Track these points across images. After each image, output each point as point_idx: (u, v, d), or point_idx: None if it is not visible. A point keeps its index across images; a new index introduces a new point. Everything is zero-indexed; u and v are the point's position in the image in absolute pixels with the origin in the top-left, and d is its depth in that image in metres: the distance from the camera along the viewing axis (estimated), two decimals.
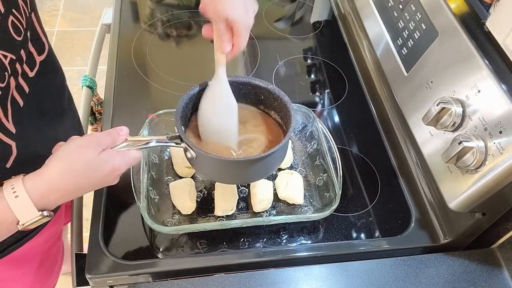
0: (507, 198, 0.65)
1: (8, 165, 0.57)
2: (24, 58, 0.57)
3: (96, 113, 1.04)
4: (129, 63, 0.99)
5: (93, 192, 0.77)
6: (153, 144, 0.62)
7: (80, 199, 0.83)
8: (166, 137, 0.64)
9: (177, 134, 0.63)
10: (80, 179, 0.54)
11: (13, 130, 0.57)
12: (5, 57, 0.52)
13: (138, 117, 0.87)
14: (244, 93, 0.74)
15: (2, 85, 0.52)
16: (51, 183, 0.52)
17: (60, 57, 0.72)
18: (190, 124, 0.71)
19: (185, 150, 0.65)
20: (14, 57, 0.54)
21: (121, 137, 0.58)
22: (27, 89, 0.59)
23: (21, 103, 0.58)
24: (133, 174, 0.71)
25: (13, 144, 0.57)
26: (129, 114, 0.90)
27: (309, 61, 1.08)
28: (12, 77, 0.54)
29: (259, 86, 0.73)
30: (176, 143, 0.64)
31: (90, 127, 1.04)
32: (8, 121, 0.55)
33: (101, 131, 0.86)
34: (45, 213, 0.52)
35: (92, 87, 0.99)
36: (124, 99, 0.92)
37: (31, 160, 0.60)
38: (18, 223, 0.51)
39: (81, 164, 0.53)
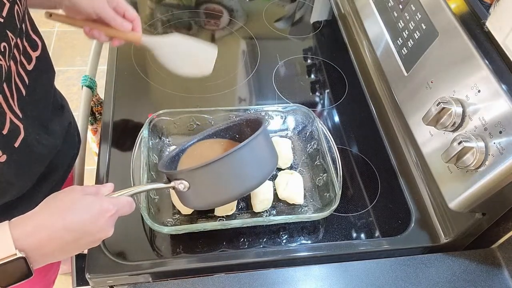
0: (507, 198, 0.65)
1: (16, 144, 0.57)
2: (21, 49, 0.58)
3: (96, 113, 1.04)
4: (129, 63, 0.99)
5: None
6: (140, 189, 0.62)
7: None
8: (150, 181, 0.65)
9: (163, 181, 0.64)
10: (68, 216, 0.50)
11: (20, 114, 0.58)
12: (12, 39, 0.53)
13: (138, 117, 0.87)
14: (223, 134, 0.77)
15: (7, 65, 0.52)
16: (37, 220, 0.49)
17: (60, 57, 0.73)
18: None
19: (176, 189, 0.63)
20: (16, 42, 0.55)
21: (106, 188, 0.57)
22: (27, 81, 0.59)
23: (23, 92, 0.59)
24: (133, 174, 0.71)
25: (21, 125, 0.58)
26: (129, 114, 0.90)
27: (309, 61, 1.08)
28: (12, 61, 0.55)
29: (230, 126, 0.76)
30: (165, 182, 0.63)
31: (90, 127, 1.04)
32: (14, 104, 0.56)
33: (101, 131, 0.86)
34: (21, 253, 0.46)
35: (92, 87, 0.99)
36: (124, 99, 0.92)
37: (36, 147, 0.61)
38: None
39: (67, 202, 0.51)
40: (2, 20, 0.50)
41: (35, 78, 0.61)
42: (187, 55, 0.77)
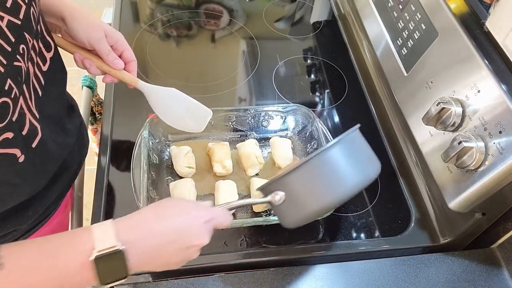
0: (507, 198, 0.65)
1: (34, 145, 0.57)
2: (37, 50, 0.58)
3: (96, 113, 1.04)
4: None
5: (93, 191, 0.77)
6: (236, 204, 0.60)
7: (80, 199, 0.83)
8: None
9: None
10: (164, 217, 0.52)
11: (37, 115, 0.58)
12: (29, 41, 0.53)
13: (138, 117, 0.87)
14: None
15: (26, 66, 0.52)
16: (137, 216, 0.52)
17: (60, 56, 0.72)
18: None
19: (273, 203, 0.58)
20: (32, 44, 0.55)
21: (204, 202, 0.58)
22: (43, 81, 0.60)
23: (40, 92, 0.59)
24: (133, 174, 0.71)
25: (38, 126, 0.58)
26: (129, 114, 0.90)
27: (309, 61, 1.08)
28: (30, 62, 0.55)
29: None
30: (264, 197, 0.60)
31: (90, 127, 1.04)
32: (32, 104, 0.56)
33: (101, 131, 0.86)
34: (122, 246, 0.47)
35: (92, 87, 0.99)
36: (124, 99, 0.92)
37: (51, 146, 0.62)
38: (93, 250, 0.47)
39: (166, 205, 0.53)
40: (19, 23, 0.50)
41: (50, 78, 0.61)
42: (181, 110, 0.75)
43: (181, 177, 0.78)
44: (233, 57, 1.08)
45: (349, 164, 0.57)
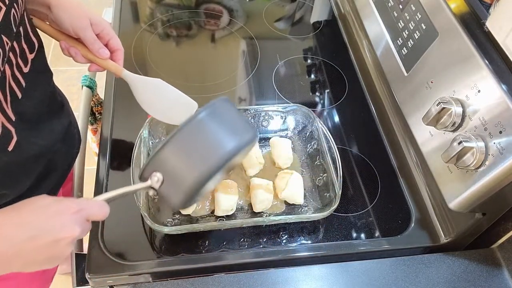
0: (507, 198, 0.65)
1: (10, 148, 0.57)
2: (18, 51, 0.57)
3: (96, 113, 1.04)
4: (129, 63, 0.99)
5: (93, 191, 0.77)
6: (114, 193, 0.55)
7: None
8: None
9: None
10: (24, 213, 0.48)
11: (13, 118, 0.57)
12: (7, 43, 0.52)
13: (138, 117, 0.86)
14: None
15: (1, 70, 0.52)
16: None
17: (60, 57, 0.72)
18: None
19: (153, 188, 0.55)
20: (11, 46, 0.54)
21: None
22: (23, 83, 0.59)
23: (19, 95, 0.58)
24: (133, 174, 0.71)
25: (13, 130, 0.57)
26: (129, 114, 0.90)
27: (309, 61, 1.08)
28: (7, 64, 0.54)
29: None
30: (145, 185, 0.56)
31: (90, 127, 1.04)
32: (7, 107, 0.56)
33: (101, 131, 0.86)
34: None
35: (92, 87, 0.99)
36: (124, 99, 0.92)
37: (31, 148, 0.61)
38: None
39: (27, 203, 0.49)
40: None
41: (31, 80, 0.61)
42: (166, 101, 0.74)
43: None
44: (233, 57, 1.08)
45: (216, 132, 0.56)
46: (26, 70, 0.60)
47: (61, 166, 0.74)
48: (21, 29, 0.57)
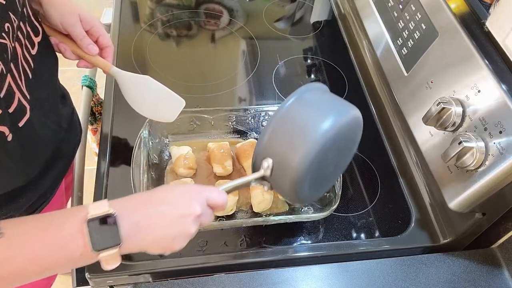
0: (507, 198, 0.65)
1: (20, 124, 0.57)
2: (25, 32, 0.58)
3: (96, 113, 1.04)
4: (129, 63, 0.99)
5: (93, 191, 0.77)
6: (234, 184, 0.59)
7: (80, 199, 0.83)
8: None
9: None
10: (160, 190, 0.55)
11: (28, 95, 0.58)
12: (14, 21, 0.53)
13: (138, 118, 0.86)
14: None
15: (12, 45, 0.53)
16: (131, 195, 0.54)
17: (60, 57, 0.72)
18: None
19: (266, 177, 0.58)
20: (18, 25, 0.55)
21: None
22: (32, 64, 0.60)
23: (30, 75, 0.59)
24: (133, 174, 0.71)
25: (28, 107, 0.58)
26: (129, 114, 0.89)
27: (309, 61, 1.08)
28: (17, 43, 0.55)
29: None
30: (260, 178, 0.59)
31: (90, 127, 1.04)
32: (23, 84, 0.56)
33: (101, 131, 0.86)
34: (113, 210, 0.49)
35: (92, 87, 0.99)
36: (124, 99, 0.92)
37: (41, 129, 0.62)
38: (87, 215, 0.49)
39: (162, 186, 0.56)
40: (4, 2, 0.51)
41: (40, 62, 0.61)
42: (153, 99, 0.74)
43: (181, 177, 0.78)
44: (233, 57, 1.08)
45: (317, 109, 0.57)
46: (34, 52, 0.60)
47: (66, 153, 0.75)
48: (25, 10, 0.58)
